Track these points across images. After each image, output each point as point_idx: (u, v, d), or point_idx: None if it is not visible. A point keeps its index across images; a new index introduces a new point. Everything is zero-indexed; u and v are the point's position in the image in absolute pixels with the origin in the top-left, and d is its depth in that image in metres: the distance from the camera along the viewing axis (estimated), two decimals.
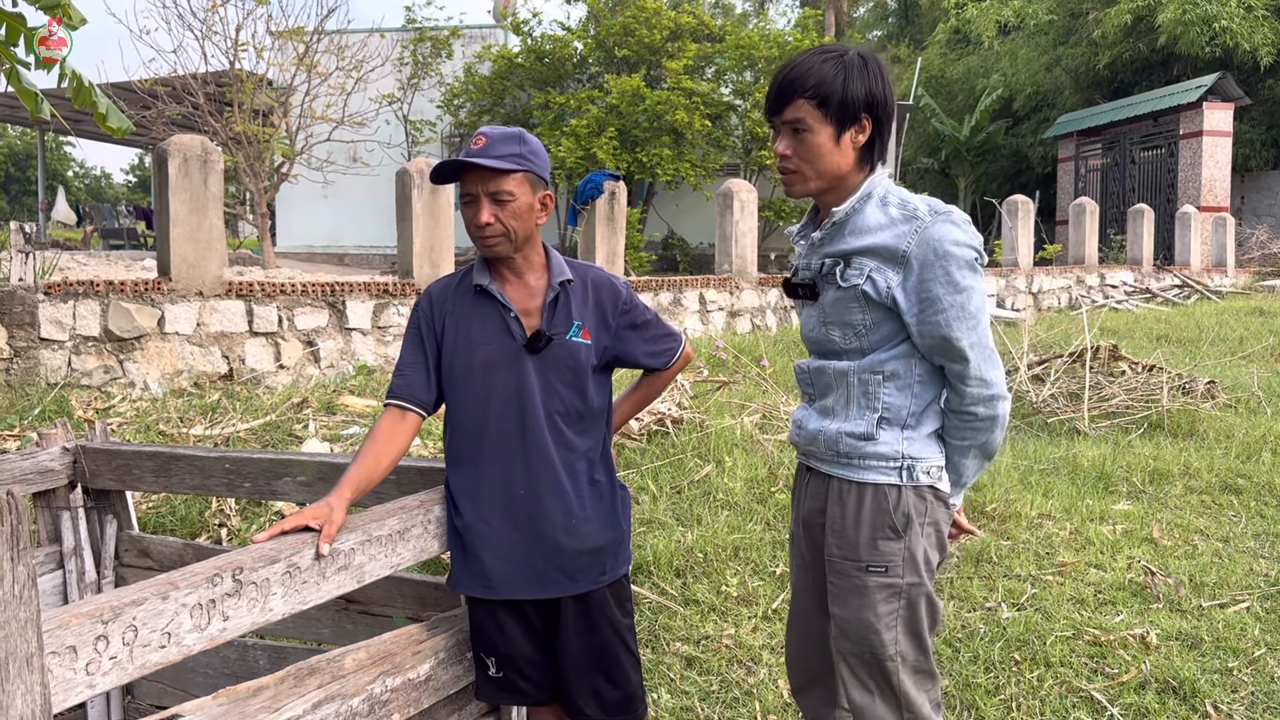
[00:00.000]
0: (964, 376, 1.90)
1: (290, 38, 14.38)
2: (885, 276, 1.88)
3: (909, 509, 1.93)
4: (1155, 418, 6.45)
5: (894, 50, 31.91)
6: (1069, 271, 15.60)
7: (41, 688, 1.38)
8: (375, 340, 8.16)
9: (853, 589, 1.95)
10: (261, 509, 4.83)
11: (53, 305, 6.66)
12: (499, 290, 2.18)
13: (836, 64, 1.87)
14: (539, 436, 2.15)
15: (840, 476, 1.98)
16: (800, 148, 1.91)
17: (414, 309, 2.27)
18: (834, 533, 1.98)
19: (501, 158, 2.09)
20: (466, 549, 2.19)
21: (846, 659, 1.99)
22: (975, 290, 1.87)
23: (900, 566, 1.92)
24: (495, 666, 2.23)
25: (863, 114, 1.89)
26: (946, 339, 1.87)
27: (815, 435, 2.02)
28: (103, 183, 69.32)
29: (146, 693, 3.22)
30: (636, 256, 14.92)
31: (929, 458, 1.95)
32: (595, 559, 2.21)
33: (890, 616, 1.92)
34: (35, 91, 4.43)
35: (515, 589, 2.17)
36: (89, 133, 22.16)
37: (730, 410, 6.34)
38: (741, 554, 4.19)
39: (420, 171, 8.54)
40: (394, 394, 2.19)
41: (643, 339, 2.32)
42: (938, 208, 1.89)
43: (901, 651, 1.94)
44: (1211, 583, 3.93)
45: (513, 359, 2.16)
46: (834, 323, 1.97)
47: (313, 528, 1.93)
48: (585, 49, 17.92)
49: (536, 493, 2.16)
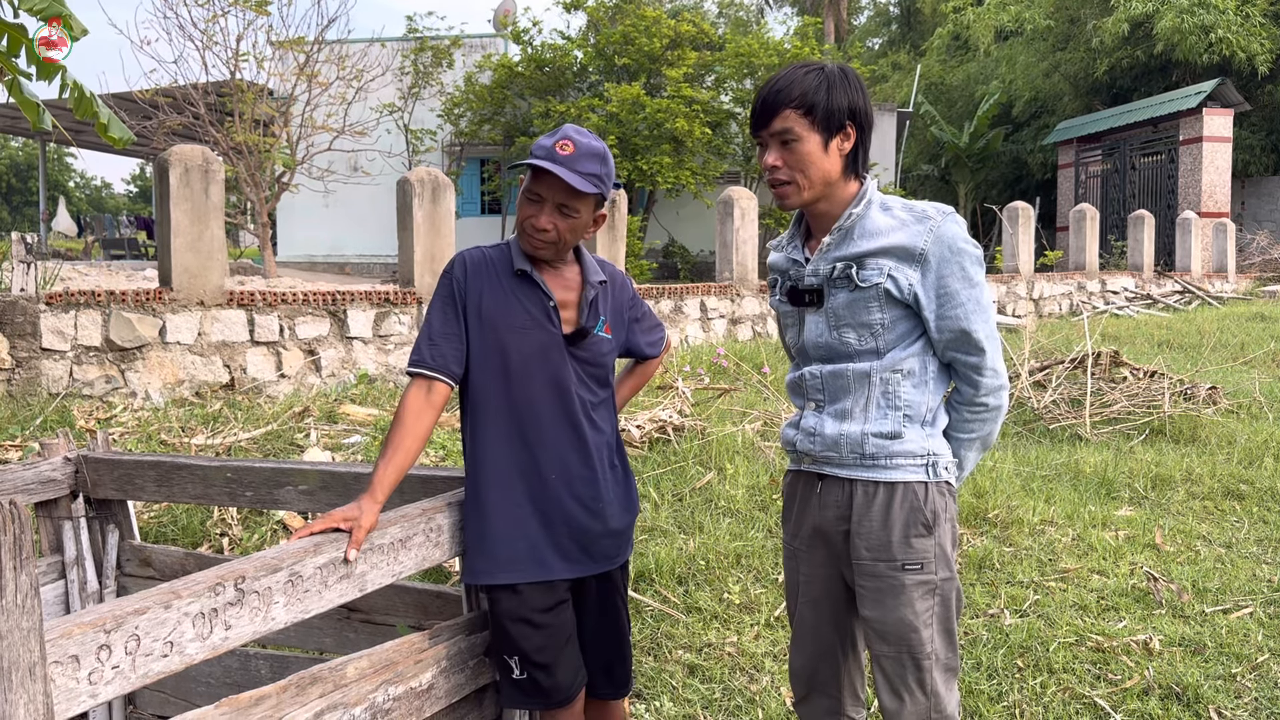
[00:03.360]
0: (980, 368, 1.99)
1: (291, 48, 14.43)
2: (905, 274, 1.95)
3: (936, 505, 1.98)
4: (1157, 423, 6.44)
5: (894, 57, 31.99)
6: (1070, 278, 15.60)
7: (44, 697, 1.38)
8: (376, 349, 8.17)
9: (888, 589, 1.97)
10: (263, 518, 4.83)
11: (54, 315, 6.67)
12: (541, 279, 2.22)
13: (818, 75, 1.95)
14: (575, 422, 2.22)
15: (866, 479, 2.00)
16: (791, 158, 1.96)
17: (446, 276, 2.24)
18: (862, 535, 1.99)
19: (585, 176, 2.12)
20: (491, 536, 2.19)
21: (882, 662, 2.00)
22: (984, 285, 1.99)
23: (934, 562, 1.97)
24: (519, 667, 2.21)
25: (847, 122, 1.95)
26: (966, 331, 1.95)
27: (837, 440, 2.02)
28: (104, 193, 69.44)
29: (149, 702, 3.22)
30: (637, 264, 14.94)
31: (946, 453, 2.03)
32: (614, 541, 2.30)
33: (928, 614, 1.96)
34: (37, 102, 4.44)
35: (544, 570, 2.20)
36: (90, 143, 22.20)
37: (732, 417, 6.34)
38: (743, 561, 4.18)
39: (421, 181, 8.55)
40: (425, 364, 2.16)
41: (642, 330, 2.45)
42: (943, 208, 1.99)
43: (936, 650, 1.98)
44: (1214, 588, 3.92)
45: (552, 348, 2.20)
46: (848, 325, 2.00)
47: (342, 529, 1.96)
48: (585, 58, 17.97)
49: (567, 477, 2.21)
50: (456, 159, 19.47)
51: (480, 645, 2.32)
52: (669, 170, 15.86)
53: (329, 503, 2.52)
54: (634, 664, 3.38)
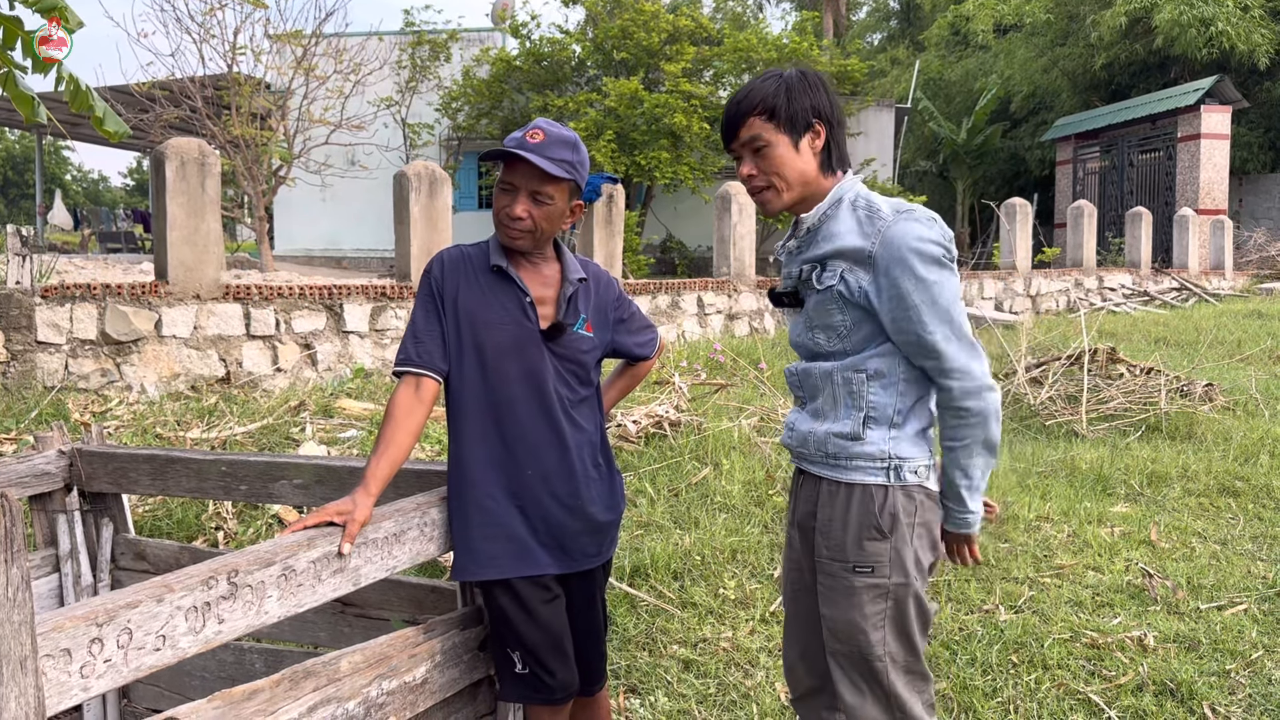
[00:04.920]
0: (944, 371, 1.91)
1: (288, 41, 14.38)
2: (856, 276, 1.92)
3: (896, 509, 1.94)
4: (1153, 420, 6.45)
5: (893, 52, 31.96)
6: (1067, 274, 15.61)
7: (36, 690, 1.37)
8: (373, 343, 8.16)
9: (841, 589, 1.97)
10: (258, 512, 4.83)
11: (50, 309, 6.65)
12: (517, 275, 2.23)
13: (776, 81, 1.96)
14: (554, 418, 2.22)
15: (829, 478, 2.00)
16: (764, 163, 1.97)
17: (425, 275, 2.26)
18: (823, 534, 2.01)
19: (555, 161, 2.13)
20: (472, 531, 2.20)
21: (838, 659, 2.01)
22: (943, 284, 1.89)
23: (886, 566, 1.94)
24: (521, 662, 2.21)
25: (814, 120, 1.95)
26: (919, 335, 1.89)
27: (805, 437, 2.05)
28: (100, 186, 69.33)
29: (142, 696, 3.21)
30: (635, 259, 14.92)
31: (916, 457, 1.97)
32: (595, 539, 2.30)
33: (877, 617, 1.94)
34: (31, 96, 4.42)
35: (527, 565, 2.20)
36: (87, 136, 22.16)
37: (728, 413, 6.34)
38: (739, 557, 4.19)
39: (418, 175, 8.53)
40: (412, 362, 2.18)
41: (630, 331, 2.44)
42: (900, 207, 1.94)
43: (890, 652, 1.96)
44: (1209, 585, 3.93)
45: (529, 343, 2.21)
46: (818, 326, 2.01)
47: (336, 523, 1.96)
48: (583, 52, 17.94)
49: (544, 473, 2.21)
50: (454, 153, 19.44)
51: (475, 640, 2.31)
52: (667, 165, 15.83)
53: (324, 497, 2.51)
54: (629, 659, 3.39)
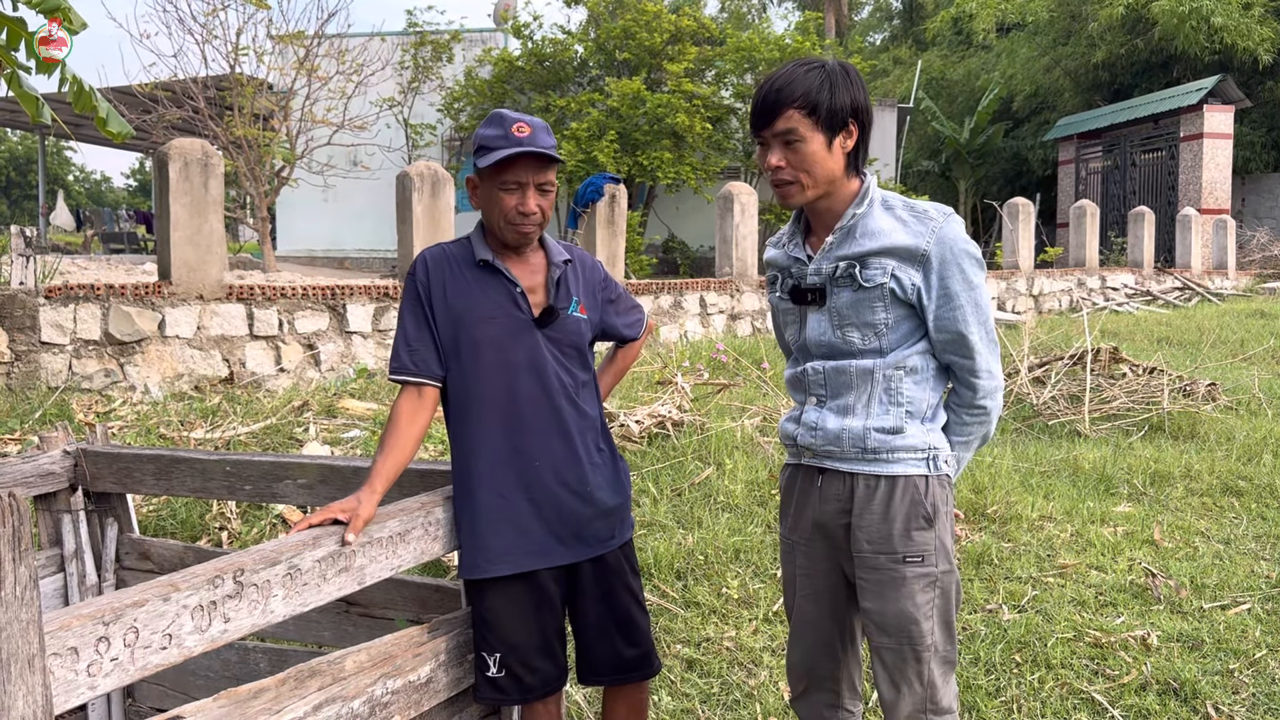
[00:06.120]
0: (975, 370, 2.01)
1: (290, 42, 14.40)
2: (908, 274, 1.96)
3: (935, 498, 2.00)
4: (1156, 420, 6.45)
5: (895, 52, 31.95)
6: (1070, 274, 15.59)
7: (43, 689, 1.38)
8: (376, 343, 8.16)
9: (889, 581, 1.98)
10: (262, 512, 4.83)
11: (53, 309, 6.66)
12: (504, 266, 2.23)
13: (820, 74, 1.92)
14: (557, 407, 2.22)
15: (866, 473, 2.01)
16: (795, 158, 1.95)
17: (410, 278, 2.26)
18: (863, 528, 2.01)
19: (549, 148, 2.17)
20: (482, 528, 2.20)
21: (882, 654, 2.02)
22: (983, 287, 2.00)
23: (934, 555, 1.99)
24: (497, 665, 2.22)
25: (850, 120, 1.95)
26: (961, 334, 1.97)
27: (838, 434, 2.03)
28: (103, 187, 69.41)
29: (147, 695, 3.22)
30: (637, 259, 14.93)
31: (945, 447, 2.05)
32: (606, 523, 2.29)
33: (928, 606, 1.98)
34: (36, 96, 4.43)
35: (535, 559, 2.21)
36: (89, 137, 22.19)
37: (731, 413, 6.34)
38: (742, 556, 4.19)
39: (420, 175, 8.54)
40: (408, 370, 2.19)
41: (619, 312, 2.45)
42: (944, 209, 2.00)
43: (936, 642, 2.00)
44: (1212, 584, 3.93)
45: (524, 333, 2.21)
46: (852, 324, 2.01)
47: (341, 520, 1.97)
48: (586, 52, 17.94)
49: (553, 462, 2.22)
50: (456, 153, 19.44)
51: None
52: (669, 165, 15.83)
53: (328, 496, 2.52)
54: None
